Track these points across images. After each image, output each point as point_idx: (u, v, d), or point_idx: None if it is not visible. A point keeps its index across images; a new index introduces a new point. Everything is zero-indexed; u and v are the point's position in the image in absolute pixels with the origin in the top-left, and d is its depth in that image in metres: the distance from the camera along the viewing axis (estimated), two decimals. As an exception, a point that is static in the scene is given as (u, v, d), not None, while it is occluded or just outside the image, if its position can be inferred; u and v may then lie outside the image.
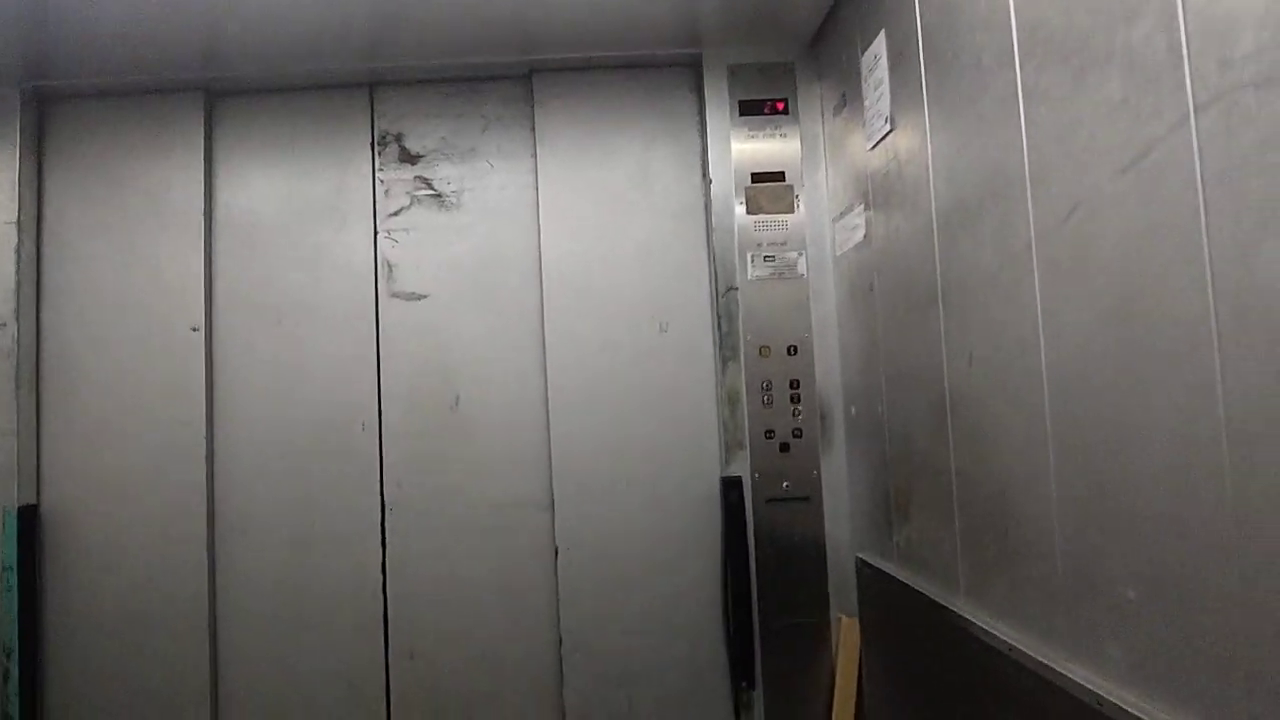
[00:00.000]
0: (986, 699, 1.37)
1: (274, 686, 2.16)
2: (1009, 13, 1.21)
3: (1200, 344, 0.86)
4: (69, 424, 2.19)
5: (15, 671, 2.06)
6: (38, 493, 2.17)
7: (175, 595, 2.14)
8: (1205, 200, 0.84)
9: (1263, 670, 0.80)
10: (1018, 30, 1.20)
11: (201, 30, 2.00)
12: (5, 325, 2.13)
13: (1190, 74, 0.85)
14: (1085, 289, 1.06)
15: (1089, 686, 1.05)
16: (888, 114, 1.70)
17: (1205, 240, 0.84)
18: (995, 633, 1.32)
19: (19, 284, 2.15)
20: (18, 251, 2.15)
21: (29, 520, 2.12)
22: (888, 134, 1.71)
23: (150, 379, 2.19)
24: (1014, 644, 1.26)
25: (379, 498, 2.20)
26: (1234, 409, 0.82)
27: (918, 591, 1.64)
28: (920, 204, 1.57)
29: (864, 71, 1.83)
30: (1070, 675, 1.10)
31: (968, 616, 1.42)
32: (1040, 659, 1.18)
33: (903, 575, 1.74)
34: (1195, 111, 0.85)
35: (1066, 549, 1.14)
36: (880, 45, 1.73)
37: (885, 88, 1.71)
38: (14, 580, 2.08)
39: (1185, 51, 0.86)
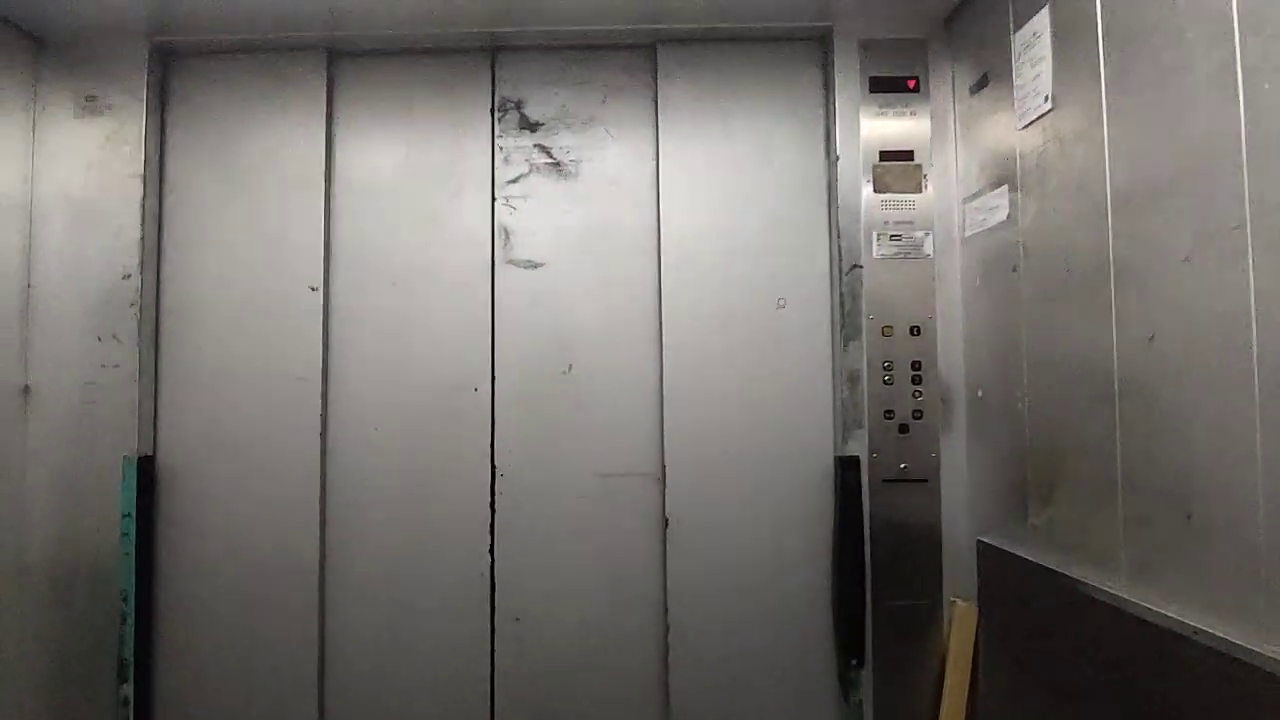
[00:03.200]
0: (1147, 680, 1.36)
1: (380, 639, 2.18)
2: (1229, -12, 1.19)
3: None
4: (186, 377, 2.21)
5: (132, 615, 2.09)
6: (154, 443, 2.19)
7: (286, 546, 2.17)
8: None
9: None
10: (1238, 5, 1.18)
11: (328, -12, 2.01)
12: (130, 277, 2.15)
13: None
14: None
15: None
16: (1048, 92, 1.68)
17: None
18: (1169, 614, 1.32)
19: (143, 236, 2.16)
20: (143, 205, 2.16)
21: (147, 470, 2.15)
22: (1046, 113, 1.69)
23: (268, 336, 2.21)
24: (1198, 625, 1.25)
25: (489, 460, 2.21)
26: None
27: (1060, 574, 1.63)
28: (1088, 184, 1.55)
29: (1016, 49, 1.80)
30: (1271, 654, 1.10)
31: (1130, 598, 1.41)
32: (1231, 639, 1.18)
33: (1041, 558, 1.73)
34: None
35: (1272, 530, 1.13)
36: (1042, 22, 1.70)
37: (1046, 65, 1.69)
38: (131, 528, 2.10)
39: None
